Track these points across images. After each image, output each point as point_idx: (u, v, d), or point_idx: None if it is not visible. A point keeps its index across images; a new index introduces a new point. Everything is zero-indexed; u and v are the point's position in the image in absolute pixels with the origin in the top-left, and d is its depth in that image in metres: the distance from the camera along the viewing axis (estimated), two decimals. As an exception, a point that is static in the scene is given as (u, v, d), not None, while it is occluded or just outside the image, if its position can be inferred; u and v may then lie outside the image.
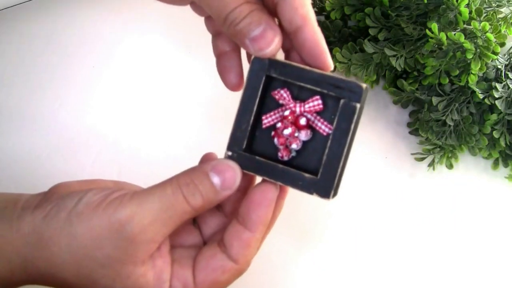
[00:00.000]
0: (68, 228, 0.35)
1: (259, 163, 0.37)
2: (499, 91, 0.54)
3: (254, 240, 0.37)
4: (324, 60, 0.37)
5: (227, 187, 0.37)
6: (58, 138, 0.57)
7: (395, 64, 0.55)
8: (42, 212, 0.36)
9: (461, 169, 0.58)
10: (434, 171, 0.58)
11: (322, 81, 0.36)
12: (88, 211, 0.35)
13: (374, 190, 0.57)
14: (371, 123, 0.61)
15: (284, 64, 0.37)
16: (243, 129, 0.37)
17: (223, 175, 0.36)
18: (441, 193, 0.57)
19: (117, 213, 0.35)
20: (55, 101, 0.59)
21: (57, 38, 0.62)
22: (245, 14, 0.36)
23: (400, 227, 0.55)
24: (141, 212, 0.35)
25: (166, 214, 0.35)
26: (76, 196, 0.36)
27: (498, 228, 0.55)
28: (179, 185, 0.36)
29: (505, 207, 0.56)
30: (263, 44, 0.36)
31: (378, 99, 0.62)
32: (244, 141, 0.38)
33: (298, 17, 0.36)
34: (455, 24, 0.54)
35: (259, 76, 0.37)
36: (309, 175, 0.36)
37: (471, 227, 0.55)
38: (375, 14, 0.57)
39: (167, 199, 0.35)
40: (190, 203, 0.36)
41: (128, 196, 0.36)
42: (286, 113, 0.37)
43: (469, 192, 0.57)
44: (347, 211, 0.55)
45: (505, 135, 0.55)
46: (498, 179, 0.58)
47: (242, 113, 0.37)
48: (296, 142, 0.37)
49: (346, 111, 0.35)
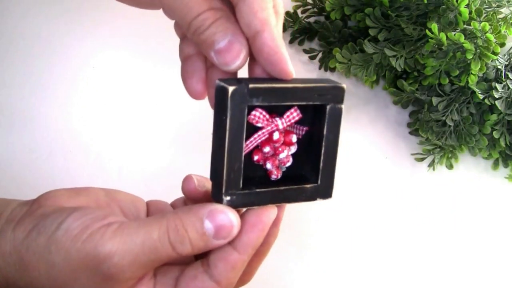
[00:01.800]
0: (47, 255, 0.33)
1: (260, 194, 0.35)
2: (499, 92, 0.54)
3: (240, 262, 0.35)
4: (283, 68, 0.34)
5: (221, 238, 0.34)
6: (58, 138, 0.57)
7: (395, 64, 0.55)
8: (23, 232, 0.34)
9: (461, 169, 0.58)
10: (434, 171, 0.58)
11: (307, 94, 0.34)
12: (67, 241, 0.33)
13: (374, 190, 0.57)
14: (371, 123, 0.61)
15: (266, 89, 0.33)
16: (236, 169, 0.34)
17: (218, 225, 0.34)
18: (441, 193, 0.57)
19: (96, 249, 0.32)
20: (55, 101, 0.59)
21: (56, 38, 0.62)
22: (209, 22, 0.34)
23: (400, 227, 0.55)
24: (121, 252, 0.32)
25: (148, 257, 0.33)
26: (57, 218, 0.34)
27: (498, 228, 0.55)
28: (167, 229, 0.33)
29: (505, 207, 0.56)
30: (229, 58, 0.34)
31: (378, 99, 0.62)
32: (240, 181, 0.35)
33: (257, 21, 0.34)
34: (455, 25, 0.54)
35: (241, 109, 0.33)
36: (310, 185, 0.36)
37: (471, 227, 0.55)
38: (375, 15, 0.57)
39: (151, 243, 0.33)
40: (177, 251, 0.34)
41: (110, 230, 0.33)
42: (276, 136, 0.36)
43: (469, 192, 0.57)
44: (347, 211, 0.55)
45: (505, 136, 0.55)
46: (498, 179, 0.58)
47: (231, 153, 0.34)
48: (289, 160, 0.37)
49: (334, 115, 0.35)
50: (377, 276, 0.52)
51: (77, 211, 0.34)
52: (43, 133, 0.57)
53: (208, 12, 0.34)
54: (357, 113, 0.61)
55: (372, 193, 0.56)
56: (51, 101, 0.59)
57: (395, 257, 0.53)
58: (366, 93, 0.62)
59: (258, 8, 0.34)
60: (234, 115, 0.33)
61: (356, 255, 0.53)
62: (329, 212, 0.55)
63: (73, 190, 0.38)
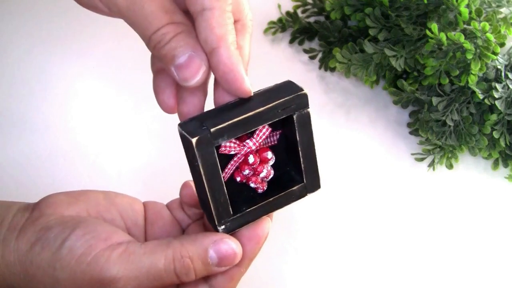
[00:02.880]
0: (51, 272, 0.34)
1: (252, 212, 0.36)
2: (499, 91, 0.54)
3: (238, 274, 0.36)
4: (239, 87, 0.34)
5: (224, 266, 0.35)
6: (58, 140, 0.57)
7: (395, 64, 0.55)
8: (26, 244, 0.35)
9: (461, 169, 0.58)
10: (434, 171, 0.58)
11: (270, 114, 0.34)
12: (71, 261, 0.33)
13: (374, 190, 0.57)
14: (371, 123, 0.61)
15: (229, 127, 0.33)
16: (222, 201, 0.35)
17: (222, 255, 0.35)
18: (441, 193, 0.57)
19: (102, 273, 0.33)
20: (55, 103, 0.59)
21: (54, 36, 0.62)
22: (170, 37, 0.33)
23: (400, 227, 0.55)
24: (126, 278, 0.33)
25: (152, 284, 0.34)
26: (60, 234, 0.34)
27: (498, 228, 0.55)
28: (173, 259, 0.34)
29: (505, 207, 0.56)
30: (188, 74, 0.33)
31: (378, 99, 0.62)
32: (229, 209, 0.36)
33: (213, 37, 0.33)
34: (455, 24, 0.54)
35: (209, 153, 0.34)
36: (297, 186, 0.38)
37: (471, 227, 0.55)
38: (375, 14, 0.57)
39: (157, 272, 0.34)
40: (181, 279, 0.35)
41: (116, 253, 0.34)
42: (251, 160, 0.36)
43: (469, 192, 0.57)
44: (347, 211, 0.55)
45: (505, 135, 0.55)
46: (498, 179, 0.58)
47: (213, 191, 0.35)
48: (271, 173, 0.38)
49: (302, 121, 0.36)
50: (377, 276, 0.52)
51: (79, 227, 0.35)
52: (43, 135, 0.57)
53: (169, 27, 0.33)
54: (357, 113, 0.61)
55: (372, 193, 0.56)
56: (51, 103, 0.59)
57: (396, 257, 0.53)
58: (366, 93, 0.62)
59: (215, 24, 0.33)
60: (205, 160, 0.34)
61: (356, 255, 0.53)
62: (329, 212, 0.55)
63: (72, 195, 0.38)
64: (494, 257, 0.53)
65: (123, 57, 0.62)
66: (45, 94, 0.59)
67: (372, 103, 0.62)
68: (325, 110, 0.61)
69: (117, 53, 0.62)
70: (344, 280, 0.52)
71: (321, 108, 0.61)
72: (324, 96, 0.62)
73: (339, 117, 0.61)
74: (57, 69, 0.61)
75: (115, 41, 0.63)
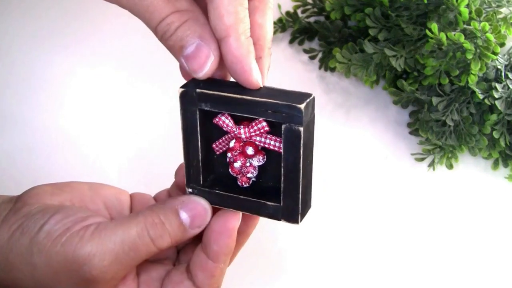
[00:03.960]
0: (29, 257, 0.33)
1: (221, 196, 0.35)
2: (499, 91, 0.54)
3: (218, 270, 0.36)
4: (246, 78, 0.33)
5: (197, 226, 0.35)
6: (58, 138, 0.57)
7: (395, 64, 0.55)
8: (7, 232, 0.34)
9: (461, 169, 0.58)
10: (434, 171, 0.58)
11: (257, 108, 0.32)
12: (47, 243, 0.33)
13: (374, 190, 0.57)
14: (371, 123, 0.61)
15: (214, 97, 0.33)
16: (194, 165, 0.35)
17: (193, 213, 0.35)
18: (441, 193, 0.57)
19: (75, 253, 0.32)
20: (55, 102, 0.59)
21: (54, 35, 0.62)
22: (175, 27, 0.32)
23: (400, 227, 0.55)
24: (101, 253, 0.33)
25: (129, 255, 0.33)
26: (40, 219, 0.34)
27: (498, 228, 0.55)
28: (146, 225, 0.34)
29: (505, 207, 0.56)
30: (196, 65, 0.32)
31: (378, 99, 0.62)
32: (200, 177, 0.35)
33: (222, 26, 0.32)
34: (455, 24, 0.54)
35: (191, 111, 0.34)
36: (272, 203, 0.35)
37: (471, 227, 0.55)
38: (375, 15, 0.57)
39: (131, 240, 0.33)
40: (157, 245, 0.34)
41: (89, 231, 0.33)
42: (231, 144, 0.35)
43: (469, 192, 0.57)
44: (347, 211, 0.55)
45: (505, 136, 0.55)
46: (498, 179, 0.58)
47: (188, 150, 0.35)
48: (251, 171, 0.36)
49: (291, 136, 0.32)
50: (378, 276, 0.52)
51: (60, 212, 0.34)
52: (43, 134, 0.57)
53: (173, 16, 0.32)
54: (357, 113, 0.61)
55: (372, 193, 0.57)
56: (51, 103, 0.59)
57: (395, 257, 0.53)
58: (366, 93, 0.62)
59: (224, 12, 0.31)
60: (186, 116, 0.34)
61: (356, 255, 0.53)
62: (329, 212, 0.55)
63: (57, 186, 0.38)
64: (494, 257, 0.53)
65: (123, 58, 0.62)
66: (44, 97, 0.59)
67: (372, 103, 0.62)
68: (325, 110, 0.61)
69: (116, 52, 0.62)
70: (344, 279, 0.52)
71: (321, 108, 0.61)
72: (324, 96, 0.62)
73: (339, 117, 0.61)
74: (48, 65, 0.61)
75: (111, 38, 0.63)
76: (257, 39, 0.34)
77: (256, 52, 0.34)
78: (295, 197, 0.34)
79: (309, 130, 0.33)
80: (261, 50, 0.35)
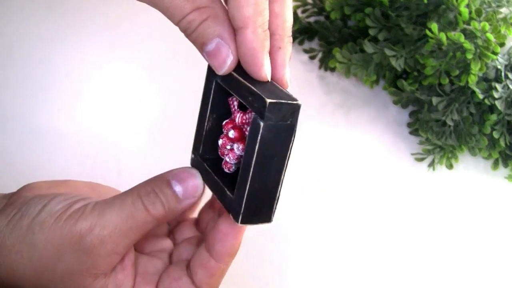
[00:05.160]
0: (30, 236, 0.34)
1: (206, 171, 0.36)
2: (499, 91, 0.54)
3: (219, 270, 0.36)
4: (256, 71, 0.33)
5: (190, 196, 0.35)
6: (58, 140, 0.57)
7: (395, 64, 0.55)
8: (5, 218, 0.35)
9: (461, 169, 0.58)
10: (434, 171, 0.58)
11: (244, 92, 0.33)
12: (50, 221, 0.34)
13: (374, 190, 0.57)
14: (371, 123, 0.61)
15: (224, 75, 0.34)
16: (200, 133, 0.36)
17: (185, 184, 0.35)
18: (441, 193, 0.57)
19: (77, 225, 0.34)
20: (55, 103, 0.59)
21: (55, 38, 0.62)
22: (196, 24, 0.32)
23: (400, 227, 0.55)
24: (101, 224, 0.34)
25: (126, 224, 0.34)
26: (40, 203, 0.35)
27: (498, 228, 0.55)
28: (139, 194, 0.35)
29: (505, 207, 0.56)
30: (216, 63, 0.33)
31: (378, 99, 0.62)
32: (200, 146, 0.36)
33: (240, 17, 0.32)
34: (455, 24, 0.54)
35: (210, 82, 0.35)
36: (229, 194, 0.34)
37: (471, 227, 0.55)
38: (375, 14, 0.57)
39: (127, 209, 0.34)
40: (151, 212, 0.35)
41: (89, 206, 0.34)
42: (224, 122, 0.36)
43: (469, 192, 0.57)
44: (347, 211, 0.55)
45: (505, 136, 0.55)
46: (498, 179, 0.58)
47: (200, 117, 0.36)
48: (228, 156, 0.35)
49: (252, 128, 0.32)
50: (378, 276, 0.52)
51: (60, 195, 0.36)
52: (44, 135, 0.57)
53: (194, 14, 0.32)
54: (357, 113, 0.61)
55: (372, 193, 0.57)
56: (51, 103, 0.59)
57: (395, 257, 0.53)
58: (366, 93, 0.62)
59: (244, 2, 0.31)
60: (206, 85, 0.36)
61: (356, 255, 0.53)
62: (329, 211, 0.55)
63: (53, 182, 0.39)
64: (494, 257, 0.53)
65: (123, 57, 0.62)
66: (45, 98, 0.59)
67: (372, 103, 0.62)
68: (325, 110, 0.61)
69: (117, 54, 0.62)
70: (344, 279, 0.52)
71: (321, 108, 0.61)
72: (324, 96, 0.62)
73: (339, 117, 0.61)
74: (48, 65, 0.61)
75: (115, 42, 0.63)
76: (275, 29, 0.35)
77: (275, 43, 0.34)
78: (242, 194, 0.33)
79: (276, 133, 0.31)
80: (281, 41, 0.35)
